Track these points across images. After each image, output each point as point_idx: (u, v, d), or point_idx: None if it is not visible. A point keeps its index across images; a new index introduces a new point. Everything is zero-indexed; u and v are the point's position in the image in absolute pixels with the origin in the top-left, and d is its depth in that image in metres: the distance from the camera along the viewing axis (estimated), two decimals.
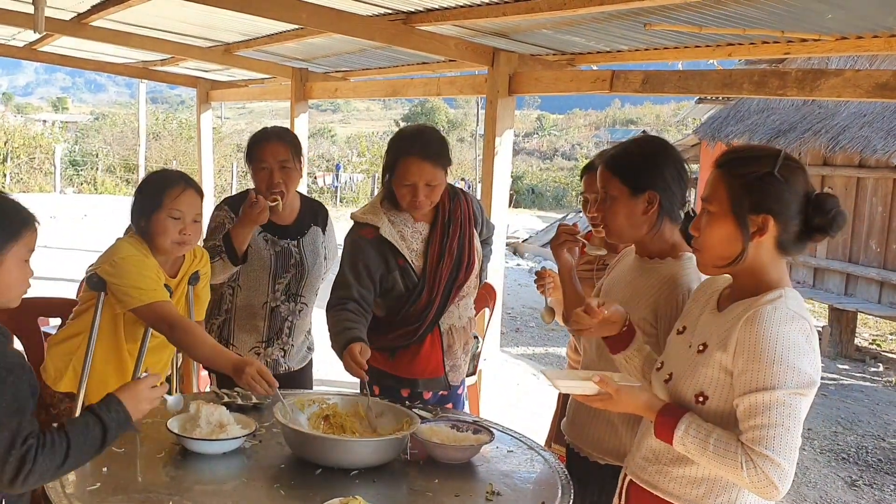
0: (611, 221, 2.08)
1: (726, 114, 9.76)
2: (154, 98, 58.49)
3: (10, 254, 1.72)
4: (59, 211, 15.67)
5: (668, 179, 2.03)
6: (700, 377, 1.65)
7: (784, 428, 1.50)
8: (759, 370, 1.53)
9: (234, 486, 1.92)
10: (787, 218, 1.59)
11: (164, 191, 2.49)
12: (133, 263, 2.43)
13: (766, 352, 1.52)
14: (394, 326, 2.58)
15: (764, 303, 1.58)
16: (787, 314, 1.55)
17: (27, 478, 1.58)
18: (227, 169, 24.62)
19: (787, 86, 3.31)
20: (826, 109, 8.61)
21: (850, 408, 6.38)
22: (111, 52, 6.89)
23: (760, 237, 1.60)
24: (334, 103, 60.17)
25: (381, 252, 2.52)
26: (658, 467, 1.73)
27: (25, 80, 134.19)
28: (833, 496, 4.65)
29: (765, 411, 1.52)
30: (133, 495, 1.81)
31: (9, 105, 52.10)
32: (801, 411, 1.53)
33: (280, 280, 2.89)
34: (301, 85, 6.50)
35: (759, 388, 1.53)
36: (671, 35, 3.86)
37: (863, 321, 9.22)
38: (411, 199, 2.49)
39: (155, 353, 2.65)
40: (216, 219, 2.90)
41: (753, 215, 1.59)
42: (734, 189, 1.61)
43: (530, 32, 4.15)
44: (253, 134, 2.97)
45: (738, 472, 1.52)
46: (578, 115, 58.10)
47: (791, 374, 1.51)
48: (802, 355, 1.53)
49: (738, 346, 1.57)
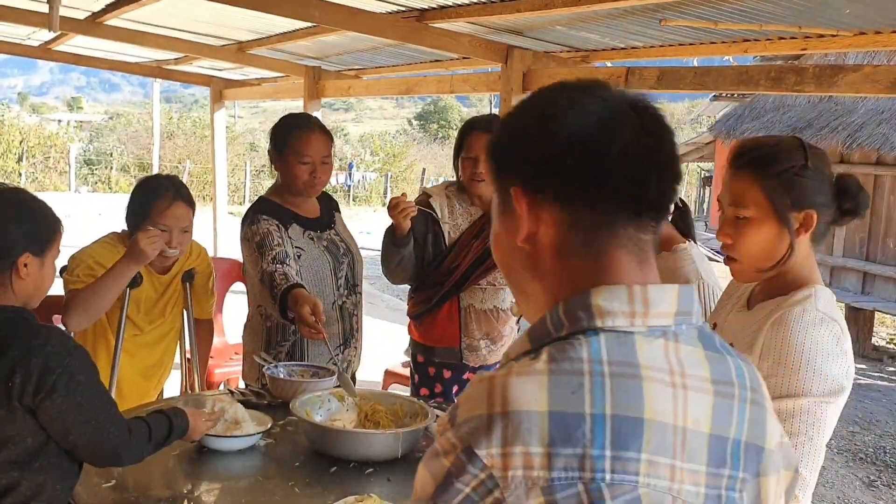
0: None
1: (741, 111, 9.70)
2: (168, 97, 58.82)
3: (50, 256, 1.79)
4: (74, 210, 15.77)
5: None
6: None
7: (807, 437, 1.43)
8: (785, 375, 1.45)
9: (249, 483, 1.91)
10: (825, 207, 1.53)
11: (152, 203, 2.52)
12: (85, 256, 2.51)
13: (792, 357, 1.45)
14: (418, 290, 2.88)
15: (792, 303, 1.50)
16: (816, 317, 1.47)
17: (125, 456, 1.74)
18: (241, 168, 24.73)
19: (805, 82, 3.27)
20: (843, 106, 8.53)
21: (867, 408, 6.32)
22: (125, 51, 6.91)
23: (806, 233, 1.53)
24: (347, 102, 60.30)
25: (424, 215, 2.78)
26: None
27: (41, 80, 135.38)
28: (851, 496, 4.61)
29: (789, 419, 1.44)
30: (149, 492, 1.81)
31: (24, 105, 52.55)
32: (827, 420, 1.45)
33: (340, 273, 2.73)
34: (314, 83, 6.50)
35: (784, 394, 1.45)
36: (686, 31, 3.83)
37: (880, 320, 9.13)
38: (472, 170, 2.74)
39: (147, 348, 2.68)
40: (258, 231, 2.55)
41: (796, 212, 1.52)
42: (772, 189, 1.51)
43: (544, 29, 4.13)
44: (286, 119, 2.73)
45: None
46: None
47: (818, 381, 1.43)
48: (831, 360, 1.45)
49: (765, 350, 1.49)
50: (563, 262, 0.86)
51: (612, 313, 0.81)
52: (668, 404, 0.80)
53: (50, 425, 1.64)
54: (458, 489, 0.77)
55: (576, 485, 0.75)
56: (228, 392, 2.48)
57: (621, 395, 0.78)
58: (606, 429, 0.76)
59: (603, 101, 0.86)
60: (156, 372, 2.74)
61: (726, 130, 9.65)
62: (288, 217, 2.66)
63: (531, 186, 0.86)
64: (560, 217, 0.85)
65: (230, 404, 2.13)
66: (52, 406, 1.61)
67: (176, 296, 2.72)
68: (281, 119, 2.76)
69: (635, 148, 0.84)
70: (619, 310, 0.81)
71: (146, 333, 2.66)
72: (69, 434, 1.65)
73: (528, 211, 0.86)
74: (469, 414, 0.78)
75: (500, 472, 0.75)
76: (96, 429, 1.66)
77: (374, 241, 4.64)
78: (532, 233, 0.87)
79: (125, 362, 2.62)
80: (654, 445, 0.78)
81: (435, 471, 0.79)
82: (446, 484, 0.77)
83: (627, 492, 0.76)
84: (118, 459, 1.74)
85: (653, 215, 0.86)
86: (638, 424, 0.78)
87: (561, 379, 0.78)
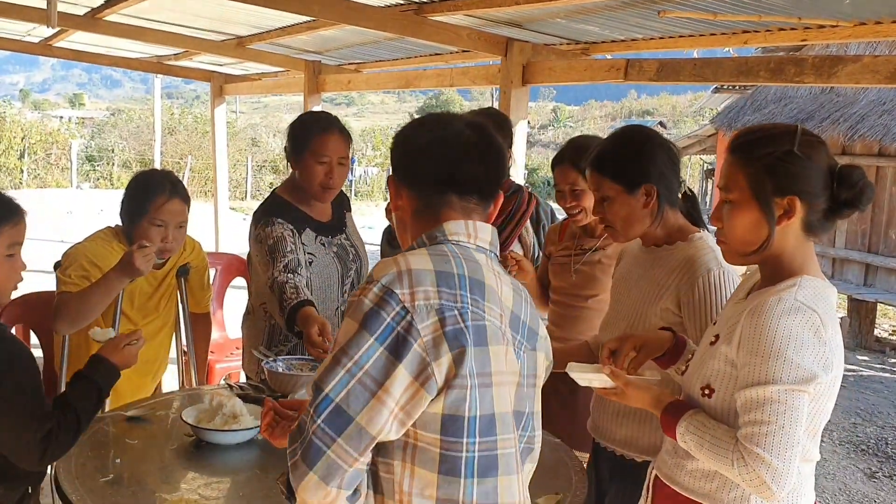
0: (614, 222, 2.04)
1: (743, 103, 9.67)
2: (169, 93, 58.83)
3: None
4: (76, 206, 15.79)
5: (660, 167, 1.99)
6: (707, 369, 1.59)
7: (778, 426, 1.42)
8: (756, 364, 1.44)
9: (247, 476, 1.92)
10: (813, 196, 1.50)
11: (149, 199, 2.51)
12: (78, 254, 2.52)
13: (764, 345, 1.44)
14: None
15: (772, 293, 1.50)
16: (792, 306, 1.45)
17: (51, 456, 1.75)
18: (242, 163, 24.72)
19: (805, 73, 3.25)
20: (845, 97, 8.50)
21: (869, 399, 6.31)
22: (126, 46, 6.91)
23: (788, 220, 1.51)
24: (348, 97, 60.26)
25: None
26: (675, 461, 1.68)
27: (42, 77, 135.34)
28: (853, 488, 4.61)
29: (759, 407, 1.43)
30: (146, 486, 1.82)
31: (26, 102, 52.56)
32: (799, 409, 1.43)
33: (347, 279, 2.72)
34: (314, 77, 6.49)
35: (755, 382, 1.45)
36: (686, 23, 3.82)
37: (882, 312, 9.12)
38: None
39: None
40: (271, 234, 2.51)
41: (778, 198, 1.50)
42: (754, 173, 1.51)
43: (544, 22, 4.12)
44: (305, 119, 2.70)
45: (731, 468, 1.46)
46: (594, 107, 57.85)
47: (788, 370, 1.42)
48: (804, 349, 1.43)
49: (742, 339, 1.49)
50: (416, 218, 1.39)
51: (457, 234, 1.35)
52: (494, 282, 1.32)
53: None
54: (383, 318, 1.20)
55: (453, 310, 1.23)
56: (227, 386, 2.48)
57: (472, 267, 1.30)
58: (466, 282, 1.26)
59: (441, 125, 1.39)
60: (151, 367, 2.74)
61: (728, 122, 9.63)
62: (301, 221, 2.61)
63: (396, 175, 1.41)
64: (410, 193, 1.39)
65: (228, 398, 2.14)
66: None
67: (170, 291, 2.72)
68: (300, 117, 2.72)
69: (456, 152, 1.36)
70: (460, 232, 1.35)
71: (140, 328, 2.66)
72: None
73: (395, 190, 1.41)
74: (384, 273, 1.24)
75: (409, 303, 1.21)
76: (14, 436, 1.68)
77: (375, 236, 4.64)
78: (398, 203, 1.41)
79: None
80: (491, 301, 1.29)
81: (361, 312, 1.21)
82: (373, 315, 1.20)
83: (478, 320, 1.25)
84: (45, 458, 1.75)
85: (473, 193, 1.37)
86: (482, 286, 1.29)
87: (436, 256, 1.29)
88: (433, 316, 1.20)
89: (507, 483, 1.29)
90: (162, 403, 2.37)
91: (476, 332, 1.23)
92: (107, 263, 2.47)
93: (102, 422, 2.17)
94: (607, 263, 2.59)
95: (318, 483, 1.17)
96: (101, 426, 2.14)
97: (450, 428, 1.22)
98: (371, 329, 1.19)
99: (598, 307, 2.59)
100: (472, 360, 1.21)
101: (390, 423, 1.20)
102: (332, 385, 1.18)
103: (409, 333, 1.19)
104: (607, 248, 2.61)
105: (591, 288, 2.62)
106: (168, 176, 2.63)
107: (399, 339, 1.19)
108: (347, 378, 1.18)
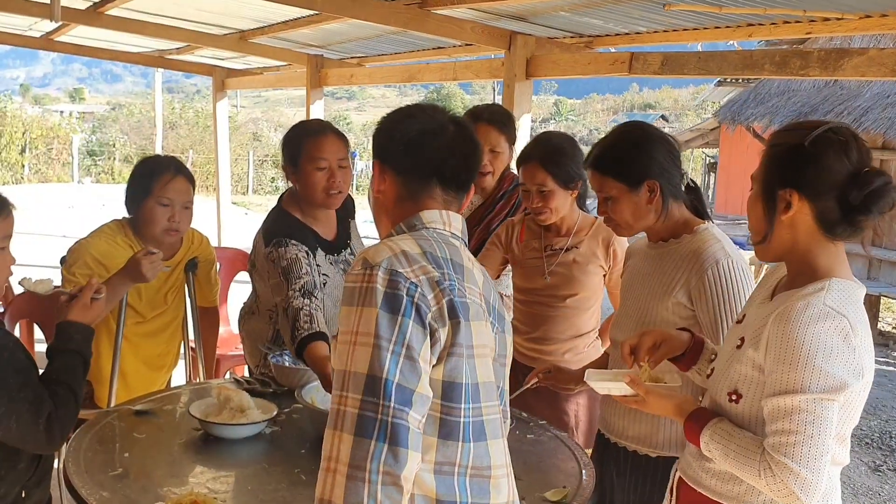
0: (619, 220, 2.04)
1: (746, 96, 9.66)
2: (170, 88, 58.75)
3: None
4: (77, 201, 15.79)
5: (661, 162, 1.99)
6: (734, 374, 1.56)
7: (806, 435, 1.39)
8: (784, 372, 1.41)
9: (254, 470, 1.92)
10: (816, 194, 1.46)
11: (154, 178, 2.52)
12: (83, 251, 2.52)
13: (791, 353, 1.41)
14: None
15: (799, 297, 1.46)
16: (821, 311, 1.41)
17: (59, 434, 1.75)
18: (244, 158, 24.70)
19: (810, 66, 3.24)
20: (848, 91, 8.48)
21: (873, 392, 6.24)
22: (127, 40, 6.90)
23: (785, 213, 1.49)
24: (349, 91, 60.14)
25: None
26: (701, 463, 1.65)
27: (42, 72, 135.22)
28: (857, 481, 4.61)
29: (787, 416, 1.41)
30: (154, 480, 1.82)
31: (26, 96, 52.54)
32: (828, 418, 1.40)
33: None
34: (316, 71, 6.48)
35: (782, 391, 1.41)
36: (690, 16, 3.80)
37: (886, 305, 9.11)
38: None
39: (150, 338, 2.68)
40: (285, 255, 2.42)
41: (780, 190, 1.49)
42: (766, 162, 1.52)
43: (548, 15, 4.10)
44: (297, 127, 2.60)
45: (758, 480, 1.44)
46: (596, 100, 57.76)
47: (817, 378, 1.39)
48: (834, 357, 1.39)
49: (769, 345, 1.46)
50: (397, 205, 1.46)
51: (433, 221, 1.44)
52: (469, 265, 1.42)
53: None
54: (400, 296, 1.27)
55: (444, 282, 1.32)
56: (234, 381, 2.49)
57: (452, 252, 1.39)
58: (449, 264, 1.36)
59: (429, 117, 1.46)
60: (163, 362, 2.74)
61: (731, 116, 9.62)
62: (312, 241, 2.53)
63: (383, 161, 1.48)
64: (395, 180, 1.46)
65: (236, 392, 2.14)
66: None
67: (178, 284, 2.73)
68: (291, 128, 2.63)
69: (443, 146, 1.44)
70: (436, 220, 1.44)
71: (148, 321, 2.66)
72: None
73: (379, 175, 1.48)
74: (381, 257, 1.30)
75: (414, 277, 1.29)
76: (16, 426, 1.68)
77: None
78: (380, 188, 1.47)
79: (129, 352, 2.62)
80: (469, 282, 1.38)
81: (376, 297, 1.26)
82: (391, 297, 1.27)
83: (462, 297, 1.34)
84: (53, 439, 1.75)
85: (453, 186, 1.46)
86: (461, 267, 1.38)
87: (421, 240, 1.37)
88: (435, 288, 1.31)
89: (496, 446, 1.40)
90: (169, 398, 2.37)
91: (463, 307, 1.33)
92: (112, 261, 2.46)
93: (110, 416, 2.17)
94: (582, 262, 2.59)
95: (413, 455, 1.24)
96: (109, 420, 2.14)
97: (449, 394, 1.32)
98: (394, 309, 1.26)
99: (577, 305, 2.61)
100: (463, 331, 1.32)
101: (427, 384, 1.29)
102: (386, 369, 1.23)
103: (423, 303, 1.28)
104: (580, 245, 2.60)
105: (569, 288, 2.60)
106: (172, 158, 2.68)
107: (418, 309, 1.28)
108: (395, 359, 1.24)
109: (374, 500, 1.20)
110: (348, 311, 1.29)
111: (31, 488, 1.83)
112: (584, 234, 2.63)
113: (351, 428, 1.23)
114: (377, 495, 1.20)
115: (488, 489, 1.37)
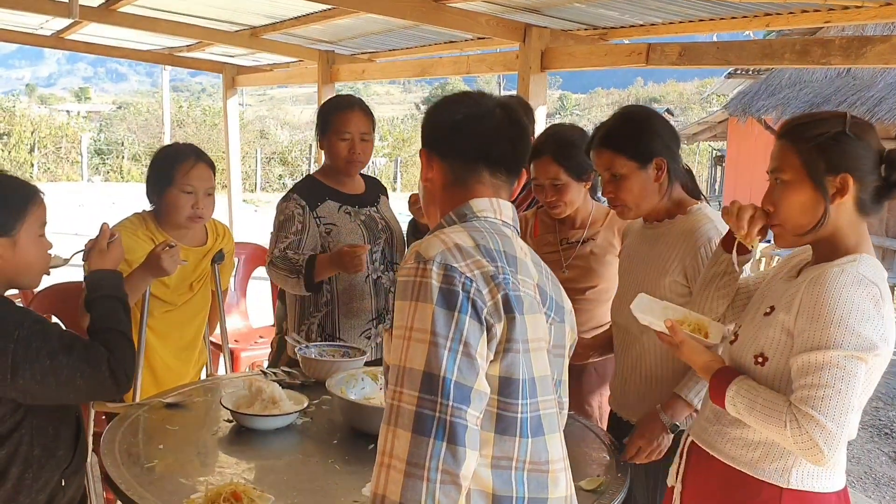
0: (627, 199, 2.08)
1: (757, 88, 9.62)
2: (175, 87, 58.79)
3: (23, 232, 1.75)
4: (87, 199, 15.84)
5: (666, 141, 2.06)
6: (762, 338, 1.61)
7: (835, 390, 1.45)
8: (816, 329, 1.48)
9: (289, 461, 1.93)
10: (865, 175, 1.55)
11: (175, 165, 2.53)
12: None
13: (826, 313, 1.47)
14: None
15: (832, 265, 1.54)
16: (855, 278, 1.50)
17: (125, 377, 1.76)
18: (251, 155, 24.74)
19: (831, 54, 3.22)
20: (861, 81, 8.44)
21: (890, 383, 6.29)
22: (137, 38, 6.90)
23: (841, 198, 1.56)
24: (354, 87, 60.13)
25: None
26: (718, 427, 1.70)
27: (48, 71, 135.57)
28: (878, 471, 4.60)
29: (817, 371, 1.47)
30: (189, 471, 1.82)
31: (33, 96, 52.70)
32: (857, 376, 1.46)
33: (376, 247, 2.75)
34: (328, 67, 6.47)
35: (814, 347, 1.48)
36: (706, 6, 3.78)
37: None
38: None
39: (178, 328, 2.68)
40: (284, 210, 2.70)
41: (831, 176, 1.55)
42: (806, 153, 1.56)
43: (563, 7, 4.09)
44: (328, 102, 2.85)
45: (783, 430, 1.48)
46: (601, 94, 57.66)
47: (849, 337, 1.45)
48: (866, 320, 1.46)
49: (801, 307, 1.53)
50: (446, 191, 1.45)
51: (484, 210, 1.41)
52: (523, 255, 1.39)
53: (33, 397, 1.68)
54: (456, 292, 1.25)
55: (500, 279, 1.29)
56: (261, 373, 2.49)
57: (505, 243, 1.37)
58: (503, 256, 1.34)
59: (475, 102, 1.44)
60: (190, 354, 2.74)
61: (742, 108, 9.58)
62: (322, 194, 2.73)
63: (429, 148, 1.46)
64: (442, 165, 1.45)
65: (267, 384, 2.14)
66: (25, 382, 1.64)
67: (205, 275, 2.73)
68: (324, 102, 2.88)
69: (489, 129, 1.42)
70: (487, 209, 1.41)
71: (178, 308, 2.65)
72: (61, 392, 1.69)
73: (427, 163, 1.46)
74: (434, 252, 1.28)
75: (469, 272, 1.27)
76: (84, 377, 1.70)
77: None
78: (428, 175, 1.46)
79: (157, 344, 2.62)
80: (523, 273, 1.36)
81: (431, 292, 1.24)
82: (447, 293, 1.25)
83: (517, 290, 1.31)
84: (119, 383, 1.75)
85: (502, 170, 1.44)
86: (515, 259, 1.36)
87: (473, 232, 1.35)
88: (490, 283, 1.28)
89: (553, 440, 1.38)
90: (198, 390, 2.38)
91: (518, 301, 1.31)
92: (133, 255, 2.47)
93: (142, 409, 2.18)
94: (599, 253, 2.59)
95: (471, 454, 1.22)
96: (140, 413, 2.15)
97: (505, 389, 1.30)
98: (451, 305, 1.24)
99: (597, 297, 2.61)
100: (519, 326, 1.30)
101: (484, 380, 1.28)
102: (444, 366, 1.22)
103: (478, 298, 1.26)
104: (596, 237, 2.61)
105: (588, 280, 2.60)
106: (191, 146, 2.68)
107: (474, 304, 1.26)
108: (453, 356, 1.22)
109: (432, 498, 1.19)
110: (402, 305, 1.27)
111: (69, 476, 1.83)
112: (599, 224, 2.63)
113: (408, 425, 1.21)
114: (436, 493, 1.19)
115: (546, 483, 1.36)
